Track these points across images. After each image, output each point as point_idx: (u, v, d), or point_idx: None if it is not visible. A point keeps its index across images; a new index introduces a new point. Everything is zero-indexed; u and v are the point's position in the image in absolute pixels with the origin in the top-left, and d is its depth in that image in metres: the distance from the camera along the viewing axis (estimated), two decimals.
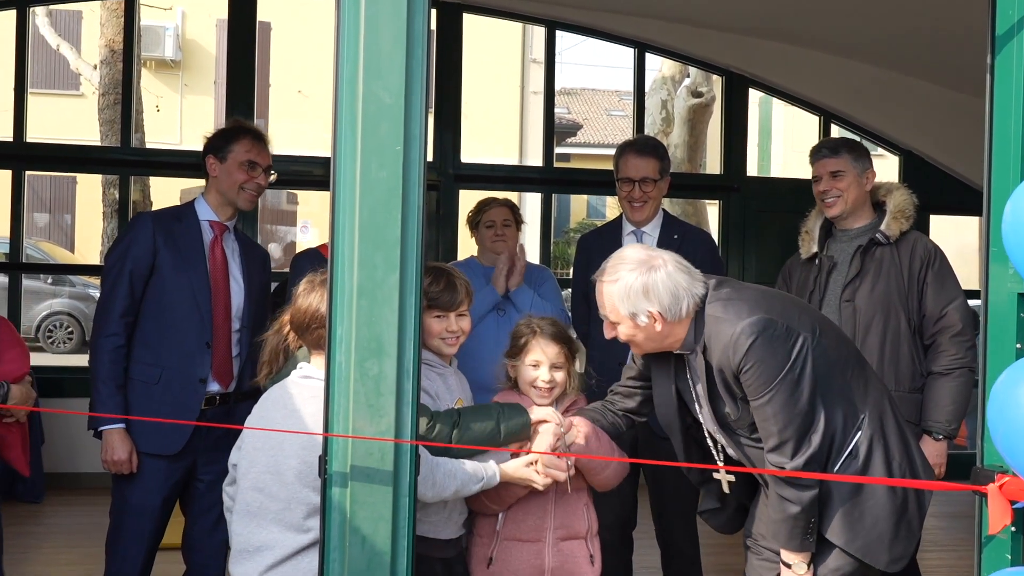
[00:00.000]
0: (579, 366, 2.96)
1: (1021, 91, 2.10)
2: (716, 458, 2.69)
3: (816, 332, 2.49)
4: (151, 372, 3.23)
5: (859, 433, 2.50)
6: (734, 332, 2.41)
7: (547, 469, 2.61)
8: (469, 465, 2.51)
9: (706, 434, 2.66)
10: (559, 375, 2.84)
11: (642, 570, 4.17)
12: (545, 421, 2.67)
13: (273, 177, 3.46)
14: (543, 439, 2.64)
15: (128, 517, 3.23)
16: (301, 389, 2.40)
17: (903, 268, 3.38)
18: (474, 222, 4.00)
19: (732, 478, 2.70)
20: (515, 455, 2.62)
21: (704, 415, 2.62)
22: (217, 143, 3.38)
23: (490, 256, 3.91)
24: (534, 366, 2.83)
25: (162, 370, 3.23)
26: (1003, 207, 2.03)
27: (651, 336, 2.52)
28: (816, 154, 3.57)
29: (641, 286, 2.45)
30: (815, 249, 3.54)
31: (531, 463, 2.61)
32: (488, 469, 2.54)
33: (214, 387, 3.30)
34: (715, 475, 2.73)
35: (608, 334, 2.59)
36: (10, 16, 6.44)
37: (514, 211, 3.98)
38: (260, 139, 3.42)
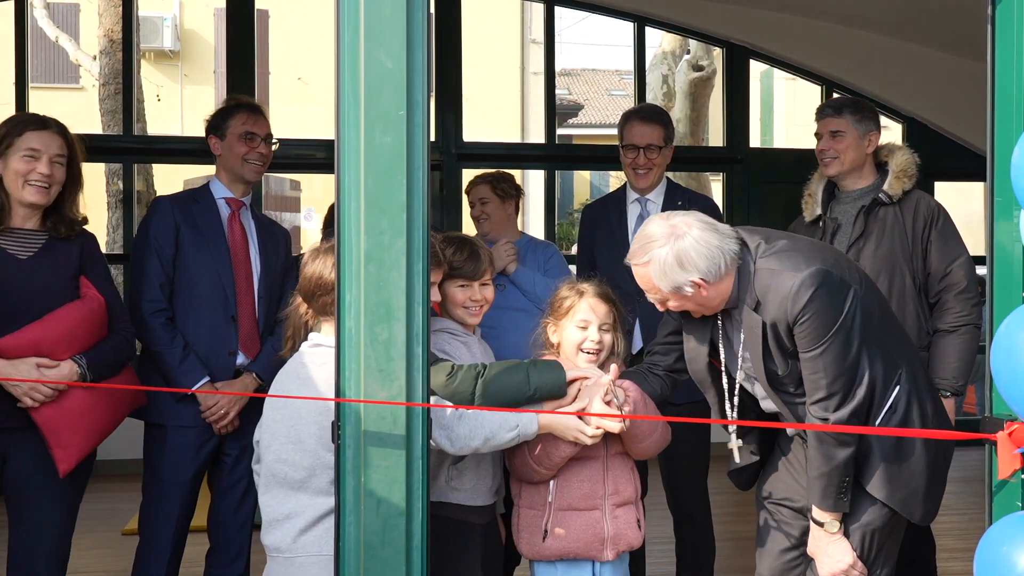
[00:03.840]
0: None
1: (1023, 39, 2.10)
2: (730, 415, 2.64)
3: (862, 284, 2.48)
4: None
5: (897, 388, 2.48)
6: (794, 283, 2.37)
7: (600, 420, 2.46)
8: (500, 415, 2.41)
9: (726, 390, 2.62)
10: (607, 337, 2.72)
11: (655, 539, 4.19)
12: (586, 378, 2.57)
13: (275, 146, 3.51)
14: (592, 392, 2.53)
15: (160, 492, 3.27)
16: (313, 357, 2.43)
17: (907, 227, 3.38)
18: (470, 202, 4.02)
19: (752, 450, 2.68)
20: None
21: (739, 370, 2.58)
22: (215, 122, 3.45)
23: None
24: (582, 327, 2.71)
25: (192, 345, 3.27)
26: (1006, 156, 2.03)
27: (701, 302, 2.49)
28: (820, 112, 3.59)
29: (674, 259, 2.40)
30: (819, 211, 3.54)
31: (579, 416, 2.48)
32: (523, 417, 2.42)
33: (241, 359, 3.34)
34: (728, 444, 2.71)
35: (661, 308, 2.56)
36: (7, 10, 6.44)
37: (494, 186, 3.90)
38: (255, 110, 3.47)
